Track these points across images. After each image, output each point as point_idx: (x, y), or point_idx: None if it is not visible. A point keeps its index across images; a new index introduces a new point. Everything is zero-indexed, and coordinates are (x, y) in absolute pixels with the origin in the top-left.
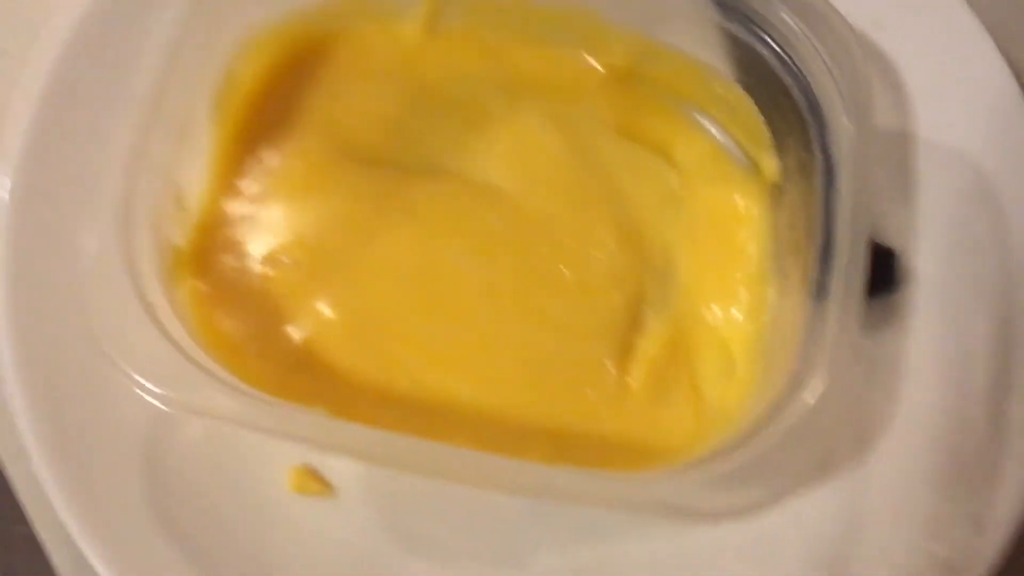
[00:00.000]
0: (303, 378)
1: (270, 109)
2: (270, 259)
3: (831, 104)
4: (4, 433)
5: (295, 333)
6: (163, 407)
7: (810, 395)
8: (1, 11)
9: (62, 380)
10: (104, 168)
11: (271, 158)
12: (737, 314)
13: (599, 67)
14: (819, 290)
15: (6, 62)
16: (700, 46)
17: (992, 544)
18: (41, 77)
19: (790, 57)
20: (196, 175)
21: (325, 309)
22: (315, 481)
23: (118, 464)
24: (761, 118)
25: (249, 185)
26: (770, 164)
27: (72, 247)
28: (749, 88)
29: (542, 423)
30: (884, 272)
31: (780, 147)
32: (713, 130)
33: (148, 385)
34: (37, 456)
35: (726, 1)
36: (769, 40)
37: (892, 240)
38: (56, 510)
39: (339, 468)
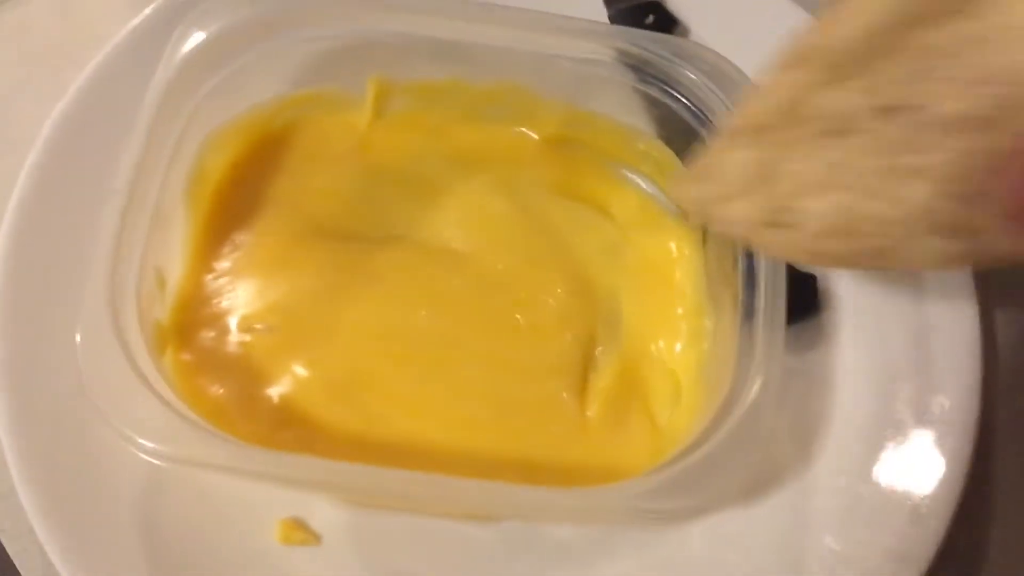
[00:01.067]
0: (287, 435)
1: (239, 193)
2: (247, 327)
3: None
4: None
5: (276, 394)
6: (157, 462)
7: (743, 404)
8: None
9: (56, 447)
10: (91, 253)
11: (242, 237)
12: (679, 345)
13: (535, 135)
14: (748, 312)
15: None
16: (623, 110)
17: (933, 532)
18: (24, 170)
19: (699, 109)
20: (174, 257)
21: (302, 370)
22: (302, 531)
23: (113, 519)
24: (683, 167)
25: (223, 263)
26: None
27: (64, 325)
28: (669, 142)
29: (511, 457)
30: (806, 296)
31: None
32: (642, 183)
33: (142, 441)
34: (34, 519)
35: (640, 67)
36: (680, 96)
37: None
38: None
39: (324, 518)
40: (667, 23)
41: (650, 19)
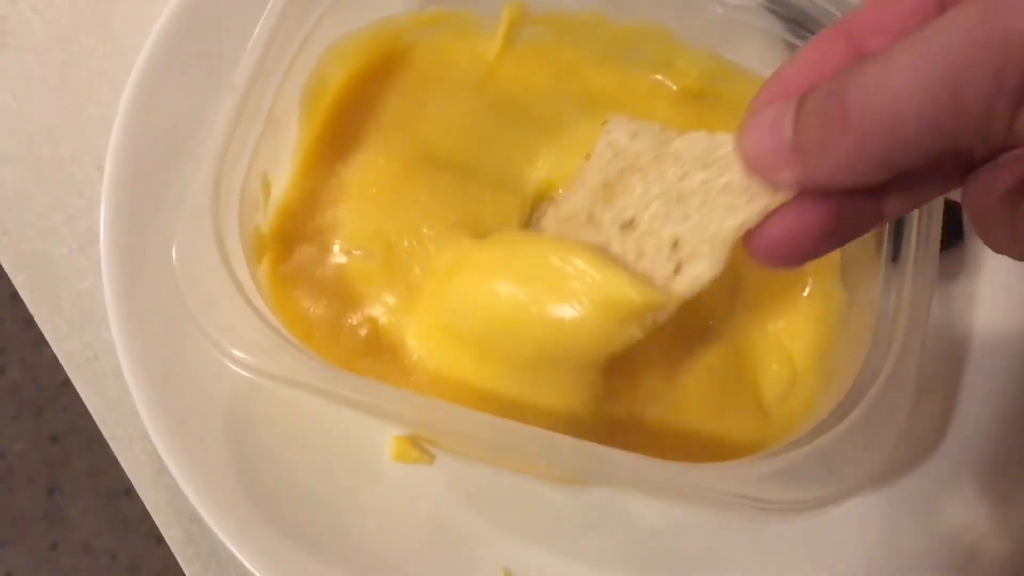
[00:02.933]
0: (373, 364)
1: (355, 109)
2: (346, 249)
3: None
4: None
5: (366, 321)
6: (245, 373)
7: (873, 397)
8: (100, 31)
9: (168, 348)
10: (199, 151)
11: (353, 155)
12: (802, 329)
13: (673, 85)
14: (889, 295)
15: (105, 82)
16: (768, 64)
17: None
18: (136, 67)
19: None
20: (282, 165)
21: (395, 301)
22: (416, 449)
23: (219, 420)
24: None
25: (331, 179)
26: None
27: (167, 225)
28: None
29: (603, 415)
30: (950, 224)
31: None
32: None
33: (233, 351)
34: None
35: (791, 15)
36: None
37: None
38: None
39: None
40: None
41: None
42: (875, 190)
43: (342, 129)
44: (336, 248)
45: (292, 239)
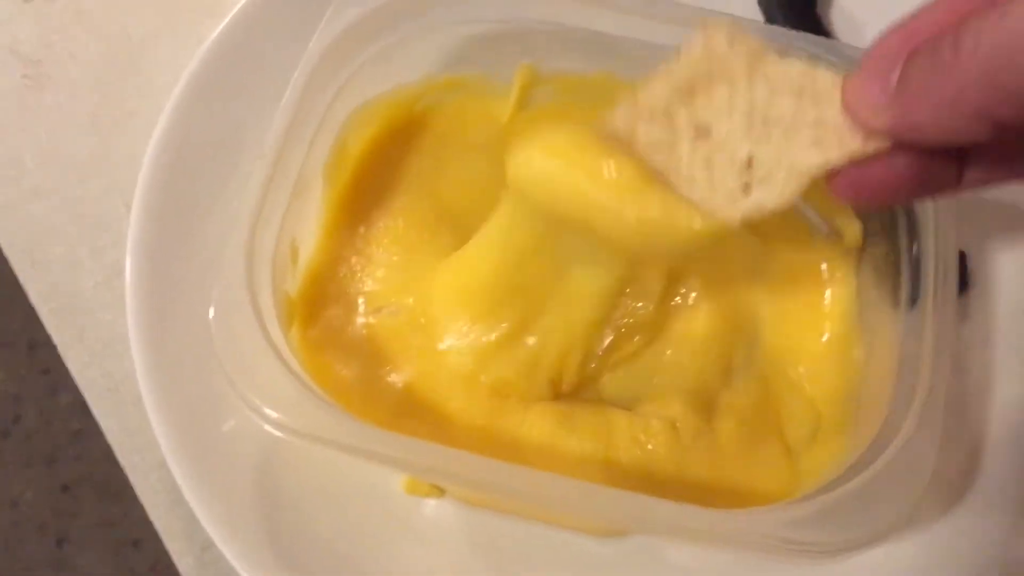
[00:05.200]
0: (408, 423)
1: (376, 172)
2: (374, 308)
3: None
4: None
5: (399, 379)
6: (279, 434)
7: (901, 439)
8: (132, 73)
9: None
10: (229, 218)
11: (375, 216)
12: (823, 374)
13: None
14: (910, 341)
15: (136, 122)
16: None
17: None
18: (166, 110)
19: None
20: (308, 229)
21: (426, 357)
22: (427, 483)
23: (240, 460)
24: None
25: (354, 240)
26: (853, 228)
27: (200, 282)
28: None
29: (635, 466)
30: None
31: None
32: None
33: (268, 411)
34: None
35: None
36: None
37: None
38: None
39: None
40: None
41: None
42: (963, 153)
43: (364, 192)
44: (362, 308)
45: (319, 303)
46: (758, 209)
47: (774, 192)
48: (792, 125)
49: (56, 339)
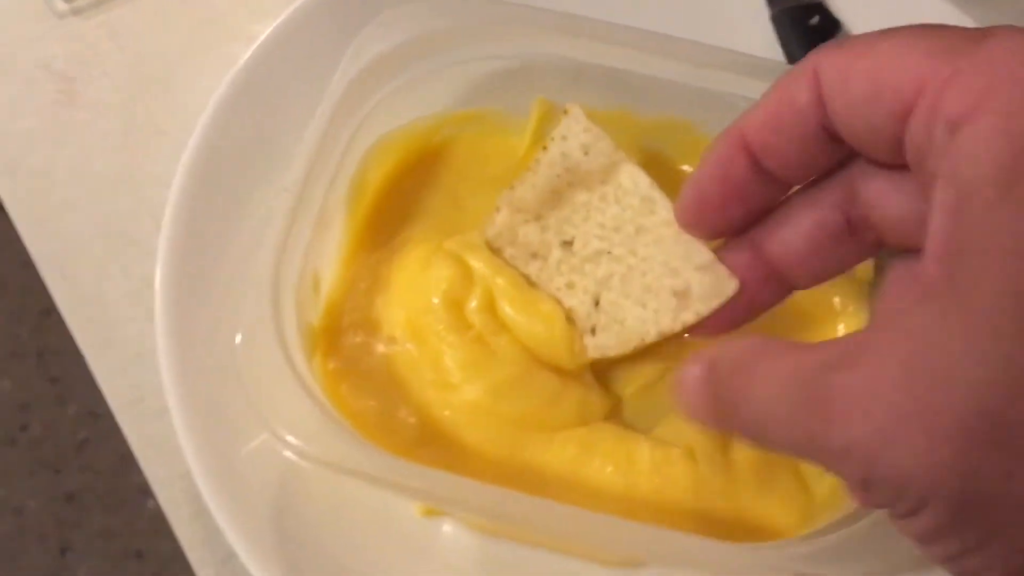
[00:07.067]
0: (426, 453)
1: (394, 205)
2: (391, 338)
3: None
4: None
5: (416, 409)
6: (305, 463)
7: None
8: (163, 93)
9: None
10: (254, 244)
11: (391, 248)
12: None
13: None
14: None
15: (166, 141)
16: None
17: None
18: (197, 129)
19: None
20: (329, 261)
21: (443, 387)
22: None
23: (269, 474)
24: None
25: (372, 271)
26: (864, 263)
27: (227, 305)
28: None
29: (651, 500)
30: None
31: None
32: None
33: (292, 440)
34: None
35: None
36: None
37: None
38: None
39: None
40: (830, 26)
41: (815, 20)
42: None
43: (383, 223)
44: (379, 340)
45: (340, 332)
46: (602, 354)
47: (612, 344)
48: (628, 273)
49: (84, 350)
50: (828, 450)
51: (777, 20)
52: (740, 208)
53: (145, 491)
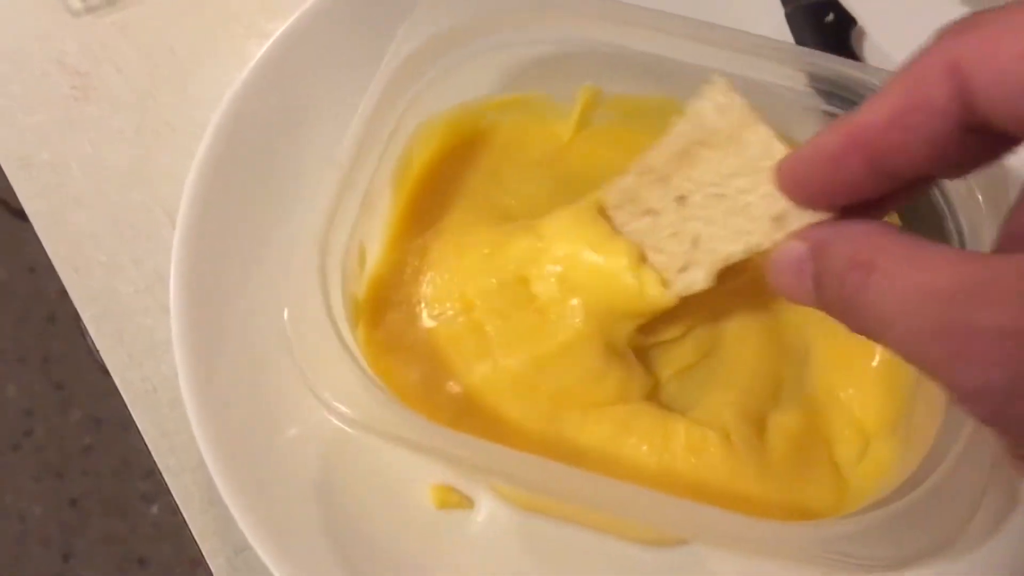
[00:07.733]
0: (467, 424)
1: (439, 185)
2: (435, 313)
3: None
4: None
5: (458, 382)
6: (352, 430)
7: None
8: (176, 89)
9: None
10: (302, 223)
11: (436, 226)
12: (872, 397)
13: None
14: None
15: (178, 136)
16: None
17: None
18: (211, 126)
19: None
20: (375, 236)
21: (485, 360)
22: (456, 495)
23: (284, 466)
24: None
25: (417, 247)
26: None
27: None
28: None
29: (688, 481)
30: None
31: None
32: None
33: (343, 408)
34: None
35: (828, 88)
36: None
37: None
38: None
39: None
40: (845, 22)
41: (830, 17)
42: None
43: (427, 203)
44: (424, 314)
45: (384, 306)
46: (688, 289)
47: (699, 277)
48: (733, 204)
49: (98, 343)
50: (960, 387)
51: (791, 18)
52: (847, 200)
53: (148, 498)
